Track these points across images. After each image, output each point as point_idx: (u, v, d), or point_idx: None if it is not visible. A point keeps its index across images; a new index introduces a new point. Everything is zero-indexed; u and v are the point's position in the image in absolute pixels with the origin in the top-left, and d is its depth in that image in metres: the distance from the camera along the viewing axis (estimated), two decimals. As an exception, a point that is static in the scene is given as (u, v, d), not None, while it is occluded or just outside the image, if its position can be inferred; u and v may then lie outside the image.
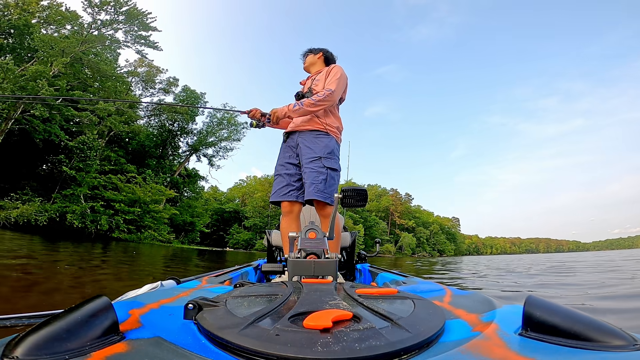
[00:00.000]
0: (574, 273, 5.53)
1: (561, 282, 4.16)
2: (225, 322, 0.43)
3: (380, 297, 0.60)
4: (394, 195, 63.39)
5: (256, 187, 41.76)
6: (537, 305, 0.43)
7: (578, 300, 2.58)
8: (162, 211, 17.78)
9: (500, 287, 4.03)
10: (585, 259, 13.32)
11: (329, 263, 1.00)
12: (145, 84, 28.29)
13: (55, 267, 3.91)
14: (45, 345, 0.33)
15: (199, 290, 0.81)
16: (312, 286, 0.70)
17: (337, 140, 1.92)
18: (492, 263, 12.71)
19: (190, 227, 23.96)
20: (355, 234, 2.26)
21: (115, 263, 5.44)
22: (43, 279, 2.95)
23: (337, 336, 0.38)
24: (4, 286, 2.50)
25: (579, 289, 3.35)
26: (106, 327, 0.39)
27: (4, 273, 3.02)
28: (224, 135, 29.10)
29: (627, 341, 0.37)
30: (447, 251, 69.21)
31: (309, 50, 2.21)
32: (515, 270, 6.97)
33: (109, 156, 18.15)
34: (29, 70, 13.36)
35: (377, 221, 50.48)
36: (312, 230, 1.20)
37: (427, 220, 68.65)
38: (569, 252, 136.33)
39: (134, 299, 0.59)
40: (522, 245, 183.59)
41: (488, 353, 0.37)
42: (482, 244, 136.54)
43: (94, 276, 3.58)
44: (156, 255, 9.19)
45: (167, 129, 27.56)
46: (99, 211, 14.65)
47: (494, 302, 0.58)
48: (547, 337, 0.40)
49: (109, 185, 15.99)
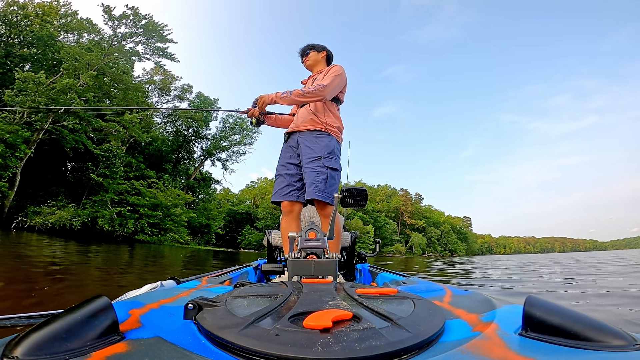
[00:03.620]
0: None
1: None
2: (225, 322, 0.43)
3: (380, 297, 0.61)
4: (404, 196, 63.21)
5: (267, 188, 42.51)
6: (537, 305, 0.43)
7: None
8: (181, 214, 18.62)
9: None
10: (613, 258, 12.79)
11: (329, 263, 1.01)
12: (161, 91, 29.48)
13: (90, 269, 4.42)
14: (45, 345, 0.33)
15: (199, 290, 0.81)
16: (312, 286, 0.71)
17: (337, 140, 1.91)
18: (513, 264, 11.82)
19: (206, 229, 24.84)
20: (355, 234, 2.24)
21: (142, 265, 5.97)
22: (75, 280, 3.36)
23: (337, 336, 0.38)
24: (58, 285, 2.91)
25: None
26: (106, 327, 0.39)
27: (58, 276, 3.41)
28: (237, 139, 30.00)
29: (627, 341, 0.38)
30: (458, 251, 68.52)
31: (311, 46, 2.09)
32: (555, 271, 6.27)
33: (130, 162, 19.10)
34: (60, 83, 14.32)
35: (387, 221, 50.54)
36: (312, 230, 1.21)
37: (437, 220, 68.17)
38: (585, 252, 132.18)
39: (134, 299, 0.60)
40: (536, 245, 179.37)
41: (488, 353, 0.37)
42: (495, 243, 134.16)
43: (123, 275, 4.08)
44: (176, 256, 9.85)
45: (182, 134, 28.59)
46: (125, 215, 15.58)
47: (494, 302, 0.58)
48: (547, 337, 0.40)
49: (132, 190, 16.93)
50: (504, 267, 9.69)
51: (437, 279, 5.75)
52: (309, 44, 2.11)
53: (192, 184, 26.76)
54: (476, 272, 7.67)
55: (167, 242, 17.83)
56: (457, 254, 67.17)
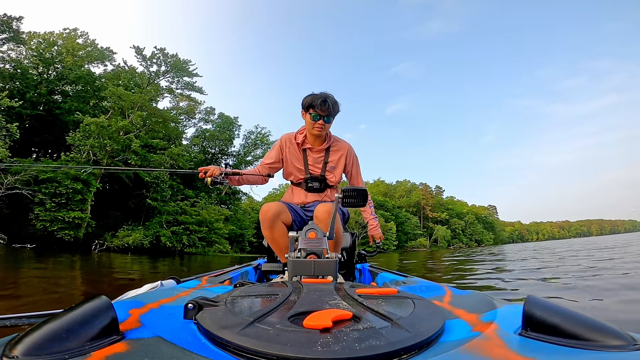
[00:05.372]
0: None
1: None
2: (225, 322, 0.43)
3: (380, 297, 0.61)
4: (424, 189, 63.43)
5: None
6: (537, 305, 0.43)
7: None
8: (222, 228, 21.12)
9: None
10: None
11: (329, 263, 1.00)
12: (187, 115, 32.58)
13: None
14: (45, 345, 0.33)
15: (199, 290, 0.80)
16: (312, 286, 0.70)
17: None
18: (547, 252, 10.53)
19: (240, 238, 27.31)
20: (356, 234, 2.26)
21: (197, 272, 7.88)
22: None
23: (337, 336, 0.38)
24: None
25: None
26: (106, 326, 0.39)
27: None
28: (259, 154, 32.50)
29: (626, 341, 0.38)
30: (485, 241, 67.67)
31: (334, 106, 1.66)
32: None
33: (172, 185, 21.81)
34: (116, 125, 17.14)
35: (408, 217, 51.13)
36: (312, 230, 1.19)
37: (461, 211, 67.73)
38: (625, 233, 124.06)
39: (134, 298, 0.60)
40: (571, 229, 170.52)
41: (488, 353, 0.37)
42: (527, 230, 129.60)
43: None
44: (225, 263, 11.90)
45: (209, 153, 31.44)
46: (178, 233, 18.25)
47: (494, 302, 0.58)
48: (547, 337, 0.40)
49: (179, 210, 19.62)
50: (535, 257, 8.21)
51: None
52: (334, 101, 1.67)
53: (223, 199, 29.43)
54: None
55: (211, 252, 20.31)
56: (484, 243, 66.35)
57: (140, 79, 21.81)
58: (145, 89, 21.06)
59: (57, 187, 14.63)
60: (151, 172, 19.34)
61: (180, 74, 23.22)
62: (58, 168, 14.54)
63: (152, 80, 22.93)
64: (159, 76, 23.15)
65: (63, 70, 20.86)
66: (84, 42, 22.98)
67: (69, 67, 20.70)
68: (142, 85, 21.83)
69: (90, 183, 15.75)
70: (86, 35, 23.59)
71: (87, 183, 15.51)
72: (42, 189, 14.36)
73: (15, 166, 6.23)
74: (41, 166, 11.89)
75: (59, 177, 14.73)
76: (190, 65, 24.14)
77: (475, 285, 3.95)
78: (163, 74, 23.10)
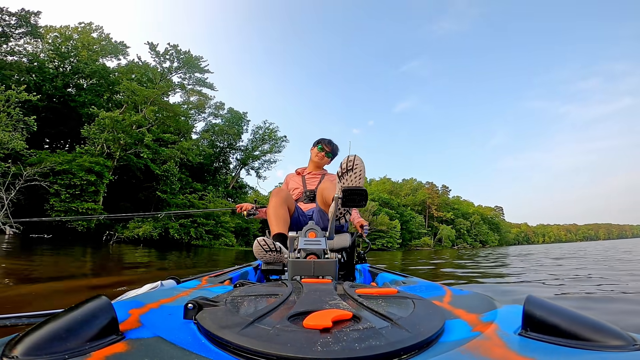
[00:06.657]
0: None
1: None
2: (225, 321, 0.43)
3: (380, 297, 0.61)
4: (430, 188, 63.15)
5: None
6: (537, 305, 0.43)
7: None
8: (229, 221, 21.60)
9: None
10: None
11: (329, 263, 1.01)
12: (197, 109, 33.01)
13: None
14: (45, 345, 0.33)
15: (199, 290, 0.80)
16: (312, 286, 0.71)
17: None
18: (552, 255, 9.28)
19: (246, 232, 27.83)
20: (355, 234, 2.27)
21: (205, 264, 7.62)
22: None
23: (336, 336, 0.38)
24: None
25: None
26: (106, 326, 0.39)
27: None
28: (267, 149, 32.82)
29: (626, 341, 0.38)
30: (489, 242, 67.29)
31: (336, 148, 2.21)
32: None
33: (180, 178, 22.30)
34: (129, 119, 17.60)
35: (413, 215, 51.13)
36: (312, 230, 1.20)
37: (466, 211, 67.36)
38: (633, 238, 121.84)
39: (134, 298, 0.60)
40: (578, 233, 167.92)
41: (488, 353, 0.37)
42: (533, 232, 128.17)
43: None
44: (231, 255, 12.21)
45: (218, 147, 31.89)
46: (186, 225, 18.77)
47: (494, 302, 0.58)
48: (546, 337, 0.40)
49: (187, 203, 20.11)
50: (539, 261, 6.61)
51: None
52: (335, 145, 2.20)
53: (230, 192, 29.93)
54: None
55: (217, 245, 20.83)
56: (489, 244, 66.04)
57: (152, 74, 22.16)
58: (158, 84, 21.43)
59: (72, 179, 15.17)
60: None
61: (192, 70, 23.54)
62: (76, 219, 15.16)
63: (165, 75, 23.31)
64: (171, 72, 23.51)
65: (78, 64, 21.30)
66: (99, 37, 23.44)
67: (84, 61, 21.15)
68: (155, 80, 22.22)
69: (104, 175, 16.28)
70: (100, 30, 24.06)
71: (100, 175, 16.03)
72: (58, 180, 14.92)
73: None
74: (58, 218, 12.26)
75: (73, 169, 15.29)
76: (202, 61, 24.46)
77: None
78: (175, 70, 23.44)
